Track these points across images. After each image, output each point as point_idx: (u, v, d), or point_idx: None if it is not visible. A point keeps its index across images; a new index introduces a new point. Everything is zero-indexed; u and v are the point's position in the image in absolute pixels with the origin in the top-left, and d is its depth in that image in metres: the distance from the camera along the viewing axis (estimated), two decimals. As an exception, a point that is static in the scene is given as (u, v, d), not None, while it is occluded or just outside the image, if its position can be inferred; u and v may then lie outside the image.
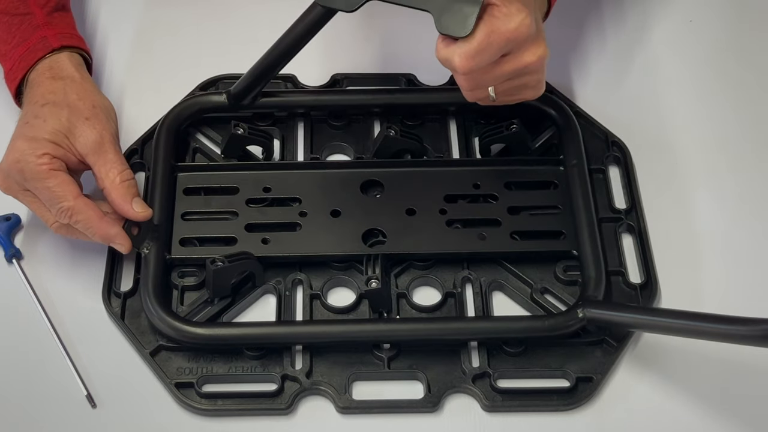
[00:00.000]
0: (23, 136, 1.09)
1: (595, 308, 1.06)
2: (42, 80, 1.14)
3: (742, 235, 1.16)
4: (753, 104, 1.27)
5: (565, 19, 1.34)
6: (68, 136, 1.09)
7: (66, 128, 1.09)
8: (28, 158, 1.07)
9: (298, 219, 1.14)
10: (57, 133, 1.09)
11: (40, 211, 1.09)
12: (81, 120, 1.10)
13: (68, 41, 1.18)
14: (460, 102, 1.22)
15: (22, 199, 1.10)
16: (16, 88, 1.17)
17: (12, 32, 1.17)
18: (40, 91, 1.13)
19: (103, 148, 1.10)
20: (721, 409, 1.04)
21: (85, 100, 1.12)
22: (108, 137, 1.10)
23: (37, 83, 1.14)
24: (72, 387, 1.05)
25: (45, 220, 1.09)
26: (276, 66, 1.18)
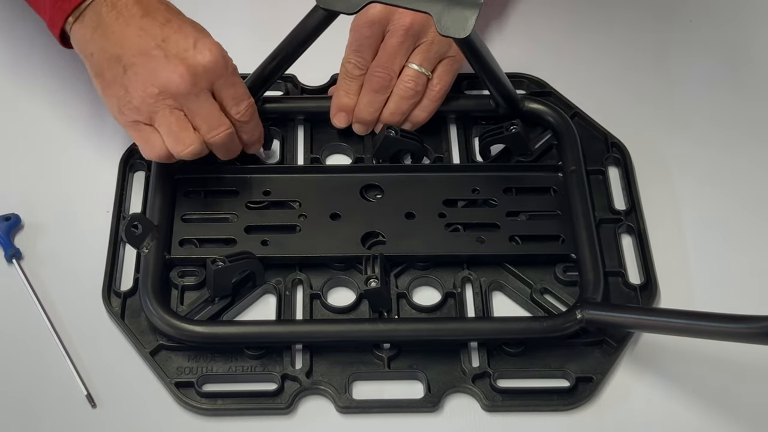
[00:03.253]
0: (197, 31, 1.10)
1: (594, 310, 1.06)
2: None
3: (742, 236, 1.16)
4: (753, 104, 1.28)
5: (564, 19, 1.35)
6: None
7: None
8: (226, 55, 1.10)
9: (297, 222, 1.14)
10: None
11: (178, 132, 1.09)
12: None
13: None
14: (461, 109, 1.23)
15: (165, 115, 1.08)
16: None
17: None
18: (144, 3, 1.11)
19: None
20: (720, 408, 1.04)
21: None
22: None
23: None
24: (72, 387, 1.05)
25: (179, 143, 1.09)
26: (277, 71, 1.19)
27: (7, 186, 1.19)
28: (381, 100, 1.19)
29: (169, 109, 1.08)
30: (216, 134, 1.10)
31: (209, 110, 1.10)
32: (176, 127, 1.09)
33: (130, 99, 1.08)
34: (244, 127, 1.14)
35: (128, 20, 1.09)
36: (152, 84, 1.07)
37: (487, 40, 1.31)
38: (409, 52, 1.19)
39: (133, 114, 1.09)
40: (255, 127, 1.15)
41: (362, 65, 1.19)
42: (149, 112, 1.08)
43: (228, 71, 1.10)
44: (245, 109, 1.12)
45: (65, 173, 1.20)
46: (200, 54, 1.08)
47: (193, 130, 1.10)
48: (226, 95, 1.11)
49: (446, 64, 1.20)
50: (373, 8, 1.15)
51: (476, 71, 1.17)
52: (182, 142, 1.09)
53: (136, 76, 1.08)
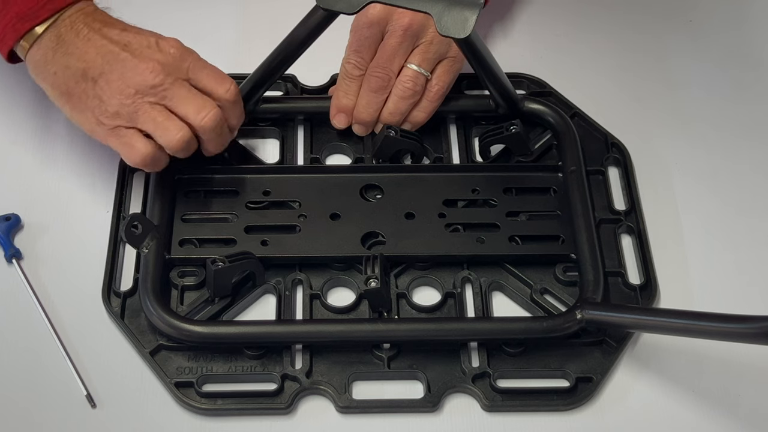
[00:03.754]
0: (156, 34, 1.10)
1: (594, 310, 1.06)
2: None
3: (742, 235, 1.17)
4: (753, 104, 1.28)
5: (564, 19, 1.35)
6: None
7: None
8: (188, 48, 1.11)
9: (297, 222, 1.14)
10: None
11: (164, 123, 1.08)
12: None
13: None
14: (461, 109, 1.23)
15: (147, 112, 1.07)
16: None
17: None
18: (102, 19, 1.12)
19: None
20: (720, 408, 1.05)
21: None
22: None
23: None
24: (72, 387, 1.05)
25: (168, 132, 1.08)
26: (277, 71, 1.19)
27: (7, 186, 1.19)
28: (380, 101, 1.19)
29: (149, 105, 1.08)
30: (205, 115, 1.09)
31: (190, 95, 1.09)
32: (162, 118, 1.08)
33: (106, 107, 1.08)
34: (233, 109, 1.13)
35: (88, 35, 1.10)
36: (126, 85, 1.08)
37: (487, 41, 1.31)
38: (408, 53, 1.19)
39: (112, 120, 1.08)
40: (242, 109, 1.15)
41: (361, 65, 1.19)
42: (130, 114, 1.08)
43: (194, 56, 1.11)
44: (231, 86, 1.11)
45: (65, 173, 1.20)
46: (165, 46, 1.10)
47: (178, 119, 1.09)
48: (205, 78, 1.11)
49: (446, 64, 1.20)
50: (372, 9, 1.15)
51: (476, 71, 1.17)
52: (171, 131, 1.08)
53: (108, 83, 1.08)
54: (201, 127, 1.10)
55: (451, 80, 1.21)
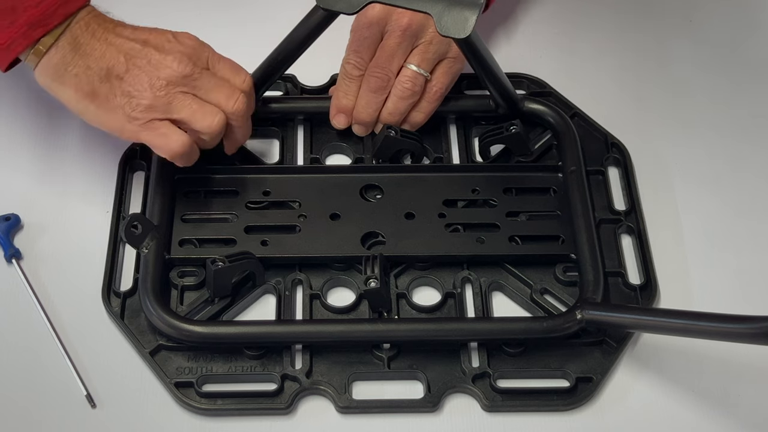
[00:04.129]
0: (168, 30, 1.12)
1: (594, 310, 1.06)
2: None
3: (742, 236, 1.17)
4: (753, 104, 1.28)
5: (564, 19, 1.35)
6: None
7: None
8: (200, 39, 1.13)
9: (297, 222, 1.14)
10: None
11: (201, 109, 1.10)
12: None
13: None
14: (461, 110, 1.23)
15: (181, 100, 1.09)
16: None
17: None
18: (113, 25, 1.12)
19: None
20: (720, 408, 1.05)
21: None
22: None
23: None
24: (72, 387, 1.05)
25: (206, 117, 1.10)
26: (277, 71, 1.19)
27: (7, 186, 1.19)
28: (379, 101, 1.19)
29: (183, 94, 1.09)
30: (236, 100, 1.11)
31: (218, 82, 1.11)
32: (197, 105, 1.10)
33: (139, 101, 1.08)
34: (250, 99, 1.15)
35: (104, 36, 1.10)
36: (157, 78, 1.08)
37: (487, 41, 1.31)
38: (408, 53, 1.19)
39: (146, 114, 1.09)
40: (254, 100, 1.17)
41: (361, 66, 1.19)
42: (164, 105, 1.09)
43: (211, 48, 1.13)
44: (248, 77, 1.14)
45: (65, 173, 1.20)
46: (183, 40, 1.11)
47: (212, 105, 1.11)
48: (223, 68, 1.13)
49: (445, 65, 1.20)
50: (371, 9, 1.15)
51: (476, 71, 1.17)
52: (210, 114, 1.10)
53: (136, 78, 1.08)
54: (233, 113, 1.12)
55: (451, 81, 1.21)
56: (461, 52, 1.17)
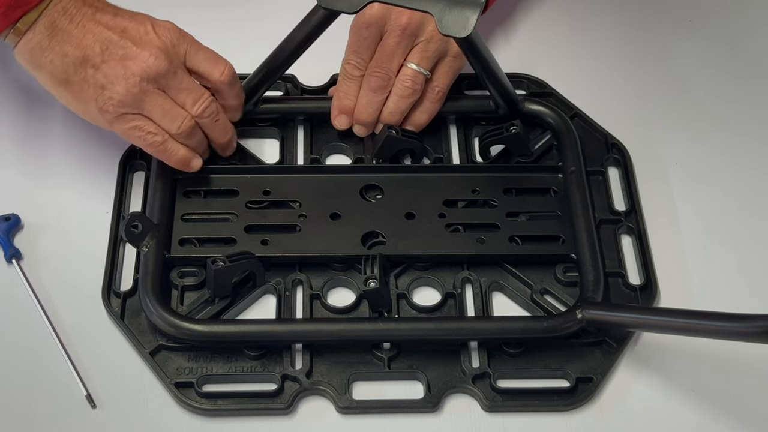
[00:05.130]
0: (149, 17, 1.11)
1: (594, 309, 1.06)
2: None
3: (742, 236, 1.17)
4: (753, 104, 1.28)
5: (564, 19, 1.35)
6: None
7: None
8: (181, 29, 1.12)
9: (297, 221, 1.14)
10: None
11: (171, 111, 1.11)
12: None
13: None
14: (461, 110, 1.23)
15: (153, 99, 1.09)
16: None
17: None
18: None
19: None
20: (721, 408, 1.05)
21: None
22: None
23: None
24: (72, 387, 1.05)
25: (176, 119, 1.11)
26: (278, 71, 1.19)
27: (7, 186, 1.19)
28: (380, 101, 1.19)
29: (155, 92, 1.10)
30: (200, 104, 1.12)
31: (189, 84, 1.12)
32: (168, 106, 1.10)
33: (112, 94, 1.08)
34: (229, 90, 1.15)
35: (82, 22, 1.10)
36: (131, 73, 1.08)
37: (488, 40, 1.31)
38: (407, 52, 1.19)
39: (118, 108, 1.09)
40: (239, 89, 1.17)
41: (361, 66, 1.19)
42: (136, 101, 1.09)
43: (189, 39, 1.12)
44: (226, 69, 1.13)
45: (65, 173, 1.19)
46: (162, 33, 1.11)
47: (182, 108, 1.11)
48: (201, 61, 1.12)
49: (446, 64, 1.20)
50: (370, 9, 1.15)
51: (476, 71, 1.17)
52: (178, 117, 1.11)
53: (111, 69, 1.09)
54: (198, 117, 1.12)
55: (451, 80, 1.21)
56: (461, 51, 1.17)
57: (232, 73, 1.14)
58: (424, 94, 1.20)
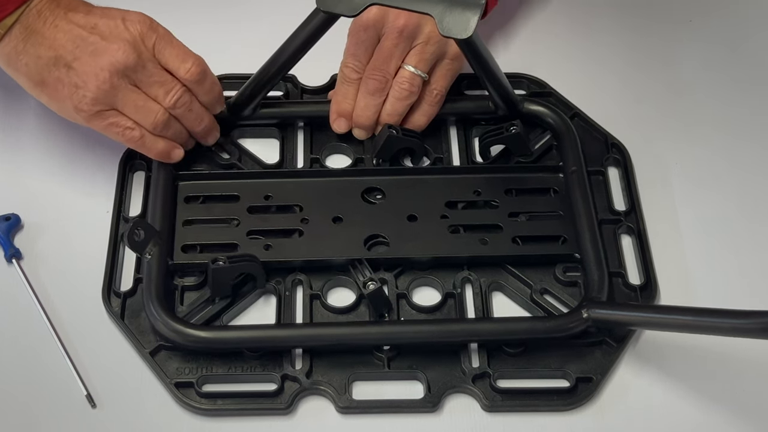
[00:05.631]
0: (118, 10, 1.11)
1: (599, 308, 1.06)
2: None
3: (742, 235, 1.17)
4: (753, 104, 1.28)
5: (564, 20, 1.35)
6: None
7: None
8: (154, 21, 1.11)
9: (299, 225, 1.14)
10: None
11: (144, 106, 1.11)
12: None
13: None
14: (461, 111, 1.23)
15: (125, 95, 1.10)
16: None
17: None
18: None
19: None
20: (721, 408, 1.04)
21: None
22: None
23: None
24: (72, 387, 1.05)
25: (149, 114, 1.11)
26: (278, 74, 1.19)
27: (7, 186, 1.19)
28: (377, 103, 1.19)
29: (127, 86, 1.10)
30: (172, 95, 1.12)
31: (159, 76, 1.11)
32: (142, 101, 1.11)
33: (85, 92, 1.09)
34: (198, 87, 1.14)
35: (55, 21, 1.10)
36: (101, 68, 1.08)
37: (488, 41, 1.31)
38: (405, 54, 1.19)
39: (92, 106, 1.10)
40: (211, 85, 1.15)
41: (358, 69, 1.20)
42: (109, 97, 1.10)
43: (160, 33, 1.12)
44: (192, 66, 1.12)
45: (65, 173, 1.20)
46: (131, 26, 1.10)
47: (156, 102, 1.11)
48: (169, 56, 1.12)
49: (444, 67, 1.20)
50: (367, 12, 1.15)
51: (476, 72, 1.17)
52: (151, 111, 1.11)
53: (82, 67, 1.09)
54: (171, 108, 1.12)
55: (450, 82, 1.21)
56: (460, 53, 1.17)
57: (199, 70, 1.13)
58: (422, 96, 1.20)
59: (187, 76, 1.12)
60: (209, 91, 1.15)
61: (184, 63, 1.12)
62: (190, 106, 1.14)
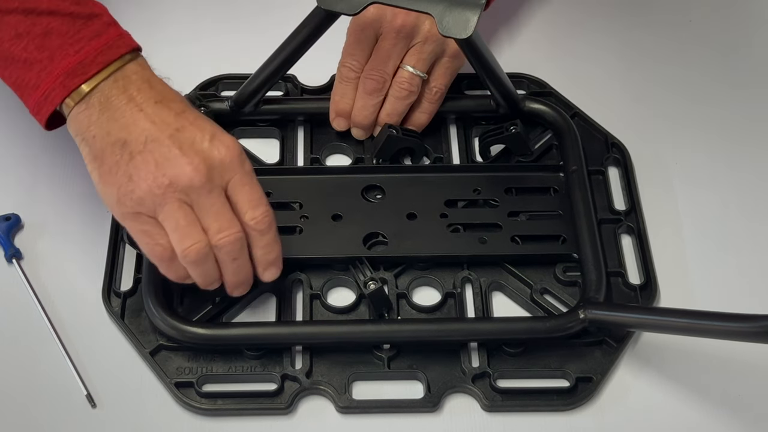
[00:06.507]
0: (213, 126, 1.01)
1: (596, 309, 1.06)
2: (140, 77, 1.03)
3: (742, 235, 1.17)
4: (753, 104, 1.28)
5: (564, 19, 1.35)
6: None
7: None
8: (243, 153, 1.01)
9: (299, 223, 1.14)
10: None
11: (186, 228, 0.99)
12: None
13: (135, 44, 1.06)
14: (461, 110, 1.23)
15: (173, 209, 0.98)
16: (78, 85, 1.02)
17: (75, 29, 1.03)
18: (156, 87, 1.03)
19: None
20: (721, 408, 1.04)
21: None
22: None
23: (133, 81, 1.02)
24: (72, 387, 1.05)
25: (185, 239, 0.99)
26: (278, 72, 1.19)
27: (7, 186, 1.19)
28: (375, 103, 1.19)
29: (178, 203, 0.98)
30: (225, 236, 0.99)
31: (221, 209, 1.00)
32: (184, 222, 0.99)
33: (134, 188, 0.98)
34: (258, 239, 1.02)
35: (141, 105, 1.01)
36: (162, 174, 0.98)
37: (488, 41, 1.31)
38: (403, 54, 1.19)
39: (135, 205, 0.99)
40: (271, 242, 1.03)
41: (356, 68, 1.19)
42: (155, 204, 0.99)
43: (244, 169, 1.01)
44: (262, 216, 1.01)
45: (65, 173, 1.19)
46: (216, 148, 1.00)
47: (201, 229, 1.00)
48: (242, 197, 1.01)
49: (443, 64, 1.20)
50: (365, 11, 1.15)
51: (477, 71, 1.17)
52: (190, 238, 0.99)
53: (144, 164, 0.98)
54: (217, 246, 1.00)
55: (450, 80, 1.21)
56: (459, 51, 1.17)
57: (267, 221, 1.01)
58: (422, 95, 1.20)
59: (251, 223, 1.01)
60: (266, 247, 1.03)
61: (254, 209, 1.01)
62: (238, 254, 1.02)
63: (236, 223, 1.00)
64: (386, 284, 1.10)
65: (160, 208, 0.99)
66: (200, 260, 1.00)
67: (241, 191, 1.01)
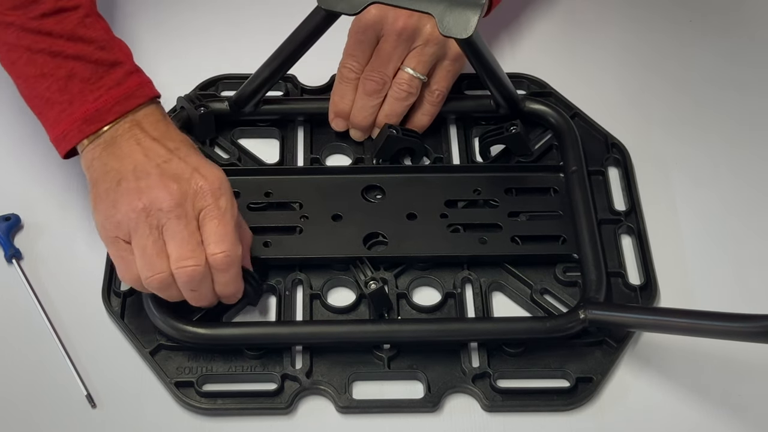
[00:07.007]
0: (203, 161, 1.04)
1: (596, 309, 1.06)
2: (153, 121, 1.07)
3: (742, 236, 1.16)
4: (753, 104, 1.28)
5: (564, 19, 1.35)
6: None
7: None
8: (228, 184, 1.04)
9: (299, 223, 1.14)
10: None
11: (152, 256, 1.00)
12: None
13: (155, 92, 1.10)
14: (461, 110, 1.23)
15: (144, 236, 1.00)
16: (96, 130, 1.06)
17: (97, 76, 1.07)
18: (161, 128, 1.07)
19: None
20: (721, 408, 1.04)
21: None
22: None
23: (148, 123, 1.07)
24: (72, 387, 1.05)
25: (148, 267, 1.00)
26: (278, 72, 1.19)
27: (7, 186, 1.19)
28: (374, 105, 1.19)
29: (149, 228, 1.00)
30: (182, 266, 1.00)
31: (187, 237, 1.01)
32: (151, 250, 1.00)
33: (114, 213, 1.01)
34: (217, 275, 1.03)
35: (139, 141, 1.04)
36: (138, 198, 1.01)
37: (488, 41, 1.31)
38: (404, 56, 1.19)
39: (113, 229, 1.02)
40: (230, 281, 1.04)
41: (357, 69, 1.19)
42: (129, 229, 1.01)
43: (218, 203, 1.02)
44: (222, 255, 1.01)
45: (65, 173, 1.19)
46: (195, 179, 1.02)
47: (166, 258, 1.01)
48: (208, 229, 1.02)
49: (444, 67, 1.20)
50: (367, 12, 1.15)
51: (477, 71, 1.17)
52: (152, 268, 1.01)
53: (127, 191, 1.02)
54: (176, 275, 1.01)
55: (451, 83, 1.21)
56: (460, 53, 1.17)
57: (226, 261, 1.01)
58: (423, 96, 1.20)
59: (210, 259, 1.01)
60: (225, 286, 1.04)
61: (216, 244, 1.01)
62: (196, 286, 1.02)
63: (199, 255, 1.01)
64: (386, 284, 1.10)
65: (134, 233, 1.01)
66: (163, 288, 1.02)
67: (210, 224, 1.02)
